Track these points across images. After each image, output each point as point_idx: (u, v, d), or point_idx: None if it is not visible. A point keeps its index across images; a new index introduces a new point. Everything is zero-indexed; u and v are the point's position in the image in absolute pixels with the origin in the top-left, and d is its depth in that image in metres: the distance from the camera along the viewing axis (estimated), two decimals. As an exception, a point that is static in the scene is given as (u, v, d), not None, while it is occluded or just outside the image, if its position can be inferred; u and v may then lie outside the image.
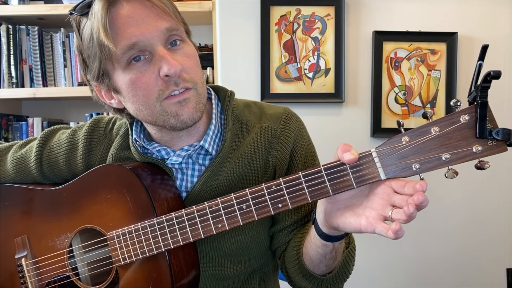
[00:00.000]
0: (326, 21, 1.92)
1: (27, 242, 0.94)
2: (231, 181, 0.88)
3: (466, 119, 0.62)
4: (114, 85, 0.82)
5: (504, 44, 1.97)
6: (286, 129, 0.91)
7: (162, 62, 0.76)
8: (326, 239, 0.76)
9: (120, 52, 0.76)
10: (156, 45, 0.77)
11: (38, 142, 0.98)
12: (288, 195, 0.70)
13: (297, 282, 0.90)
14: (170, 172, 0.89)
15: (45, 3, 2.04)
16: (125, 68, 0.78)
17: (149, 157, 0.89)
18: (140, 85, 0.78)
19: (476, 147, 0.62)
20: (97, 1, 0.76)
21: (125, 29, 0.75)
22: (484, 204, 2.01)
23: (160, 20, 0.77)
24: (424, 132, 0.64)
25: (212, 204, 0.76)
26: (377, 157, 0.66)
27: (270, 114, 0.93)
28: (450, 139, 0.62)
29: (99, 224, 0.87)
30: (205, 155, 0.89)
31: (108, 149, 0.95)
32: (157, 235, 0.80)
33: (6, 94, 1.98)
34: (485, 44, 0.63)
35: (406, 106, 1.96)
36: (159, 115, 0.80)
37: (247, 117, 0.92)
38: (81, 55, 0.83)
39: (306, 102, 1.92)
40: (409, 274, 2.03)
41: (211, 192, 0.88)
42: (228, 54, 1.92)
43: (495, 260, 2.02)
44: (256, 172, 0.89)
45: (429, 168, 0.64)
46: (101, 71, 0.80)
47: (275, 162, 0.89)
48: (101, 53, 0.77)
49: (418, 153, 0.64)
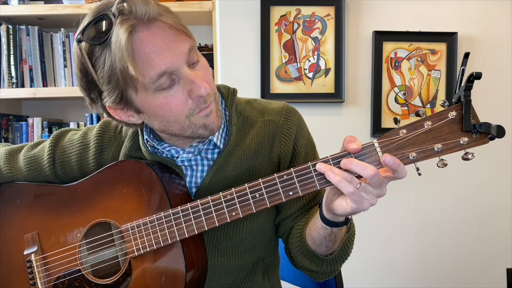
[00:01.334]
0: (326, 21, 1.92)
1: (37, 238, 0.95)
2: (238, 172, 0.92)
3: (453, 115, 0.72)
4: (138, 108, 0.83)
5: (504, 44, 1.97)
6: (287, 121, 0.96)
7: (194, 85, 0.79)
8: (326, 223, 0.82)
9: (149, 81, 0.76)
10: (182, 68, 0.78)
11: (50, 142, 1.01)
12: (298, 183, 0.77)
13: (299, 262, 0.95)
14: (180, 170, 0.93)
15: (45, 3, 2.03)
16: (153, 93, 0.79)
17: (159, 157, 0.93)
18: (171, 107, 0.80)
19: (462, 139, 0.71)
20: (118, 30, 0.73)
21: (152, 58, 0.75)
22: (484, 204, 2.01)
23: (180, 43, 0.78)
24: (418, 126, 0.73)
25: (227, 193, 0.81)
26: (378, 147, 0.74)
27: (272, 108, 0.97)
28: (441, 132, 0.72)
29: (114, 218, 0.89)
30: (213, 149, 0.93)
31: (119, 148, 0.98)
32: (172, 225, 0.84)
33: (6, 94, 1.98)
34: (467, 52, 0.74)
35: (406, 106, 1.96)
36: (188, 128, 0.84)
37: (250, 112, 0.96)
38: (85, 78, 0.81)
39: (306, 102, 1.92)
40: (409, 274, 2.03)
41: (220, 184, 0.92)
42: (228, 54, 1.92)
43: (495, 260, 2.02)
44: (261, 163, 0.94)
45: (424, 157, 0.72)
46: (123, 97, 0.81)
47: (279, 153, 0.94)
48: (125, 83, 0.77)
49: (414, 144, 0.73)
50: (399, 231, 2.00)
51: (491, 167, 1.98)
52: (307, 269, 0.95)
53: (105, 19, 0.76)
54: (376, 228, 1.99)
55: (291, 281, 1.29)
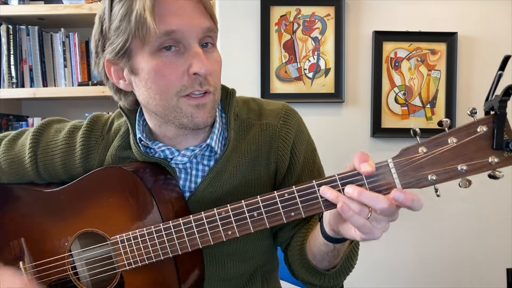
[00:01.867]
0: (326, 21, 1.92)
1: (24, 245, 0.91)
2: (234, 179, 0.88)
3: (483, 130, 0.61)
4: (134, 66, 0.79)
5: (504, 44, 1.97)
6: (286, 125, 0.91)
7: (196, 59, 0.76)
8: (328, 240, 0.77)
9: (155, 35, 0.74)
10: (192, 40, 0.76)
11: (30, 140, 0.94)
12: (301, 203, 0.70)
13: (299, 275, 0.91)
14: (173, 171, 0.88)
15: (45, 3, 2.03)
16: (154, 53, 0.76)
17: (152, 157, 0.87)
18: (165, 74, 0.76)
19: (492, 158, 0.61)
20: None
21: (168, 14, 0.74)
22: (484, 204, 2.01)
23: (202, 18, 0.77)
24: (441, 142, 0.63)
25: (222, 210, 0.74)
26: (393, 168, 0.65)
27: (270, 110, 0.93)
28: (467, 150, 0.62)
29: (102, 228, 0.85)
30: (210, 155, 0.89)
31: (106, 150, 0.92)
32: (163, 241, 0.78)
33: (6, 94, 1.98)
34: (508, 55, 0.63)
35: (406, 106, 1.96)
36: (172, 109, 0.79)
37: (247, 114, 0.92)
38: (100, 26, 0.80)
39: (306, 102, 1.92)
40: (409, 274, 2.03)
41: (215, 192, 0.88)
42: (228, 54, 1.92)
43: (495, 260, 2.02)
44: (258, 169, 0.89)
45: (445, 179, 0.64)
46: (125, 47, 0.77)
47: (276, 158, 0.90)
48: (135, 29, 0.74)
49: (435, 164, 0.63)
50: (399, 231, 2.00)
51: (491, 167, 1.98)
52: (308, 283, 0.90)
53: None
54: (376, 228, 1.98)
55: (291, 281, 1.29)
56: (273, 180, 0.92)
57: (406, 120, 1.96)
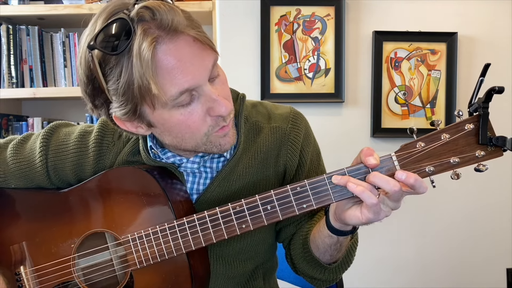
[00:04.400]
0: (326, 21, 1.92)
1: (25, 249, 0.90)
2: (243, 181, 0.90)
3: (470, 127, 0.71)
4: (151, 122, 0.77)
5: (504, 44, 1.97)
6: (295, 128, 0.93)
7: (215, 104, 0.74)
8: (333, 232, 0.80)
9: (168, 98, 0.71)
10: (205, 85, 0.73)
11: (40, 142, 0.93)
12: (312, 195, 0.75)
13: (300, 269, 0.93)
14: (181, 175, 0.89)
15: (45, 3, 2.03)
16: (170, 109, 0.74)
17: (160, 162, 0.88)
18: (189, 124, 0.75)
19: (478, 152, 0.71)
20: (140, 41, 0.67)
21: (174, 74, 0.69)
22: (484, 204, 2.01)
23: (205, 57, 0.73)
24: (435, 138, 0.72)
25: (236, 205, 0.78)
26: (396, 161, 0.73)
27: (278, 114, 0.94)
28: (457, 145, 0.71)
29: (111, 228, 0.84)
30: (219, 158, 0.89)
31: (117, 155, 0.92)
32: (177, 237, 0.80)
33: (6, 94, 1.98)
34: (488, 63, 0.73)
35: (406, 106, 1.96)
36: (202, 145, 0.80)
37: (256, 117, 0.93)
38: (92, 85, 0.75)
39: (306, 102, 1.92)
40: (409, 274, 2.03)
41: (224, 193, 0.89)
42: (228, 54, 1.92)
43: (495, 260, 2.02)
44: (267, 171, 0.91)
45: (441, 170, 0.72)
46: (136, 111, 0.75)
47: (285, 161, 0.92)
48: (141, 99, 0.71)
49: (431, 157, 0.72)
50: (399, 232, 2.00)
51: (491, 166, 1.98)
52: (309, 276, 0.93)
53: (122, 24, 0.68)
54: (376, 228, 1.98)
55: (291, 281, 1.29)
56: (281, 181, 0.93)
57: (406, 120, 1.96)
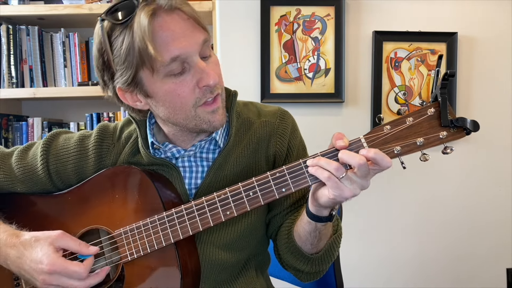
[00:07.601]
0: (326, 21, 1.92)
1: None
2: (236, 170, 0.96)
3: (432, 112, 0.77)
4: (147, 91, 0.85)
5: (504, 44, 1.97)
6: (283, 123, 1.01)
7: (203, 74, 0.83)
8: (311, 218, 0.85)
9: (161, 64, 0.80)
10: (194, 57, 0.82)
11: (41, 149, 0.98)
12: (290, 179, 0.80)
13: (285, 260, 0.99)
14: (178, 172, 0.95)
15: (45, 3, 2.03)
16: (163, 77, 0.82)
17: (158, 158, 0.95)
18: (179, 93, 0.84)
19: (441, 133, 0.76)
20: (140, 12, 0.79)
21: (168, 42, 0.80)
22: (484, 203, 2.01)
23: (196, 33, 0.83)
24: (401, 122, 0.78)
25: (221, 193, 0.83)
26: (365, 143, 0.78)
27: (267, 111, 1.03)
28: (422, 128, 0.77)
29: (105, 224, 0.89)
30: (214, 149, 0.97)
31: (118, 156, 0.99)
32: (166, 227, 0.85)
33: (6, 94, 1.98)
34: (440, 54, 0.80)
35: (406, 106, 1.95)
36: (192, 119, 0.87)
37: (247, 114, 1.01)
38: (102, 58, 0.85)
39: (306, 102, 1.92)
40: (408, 273, 2.03)
41: (220, 183, 0.95)
42: (228, 54, 1.92)
43: (495, 260, 2.02)
44: (258, 161, 0.98)
45: (408, 151, 0.77)
46: (136, 78, 0.84)
47: (274, 152, 0.99)
48: (142, 63, 0.80)
49: (398, 139, 0.77)
50: (399, 232, 2.00)
51: (491, 166, 1.99)
52: (293, 268, 0.98)
53: (129, 3, 0.81)
54: (375, 228, 1.99)
55: (290, 280, 1.29)
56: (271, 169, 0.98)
57: (406, 120, 1.96)
